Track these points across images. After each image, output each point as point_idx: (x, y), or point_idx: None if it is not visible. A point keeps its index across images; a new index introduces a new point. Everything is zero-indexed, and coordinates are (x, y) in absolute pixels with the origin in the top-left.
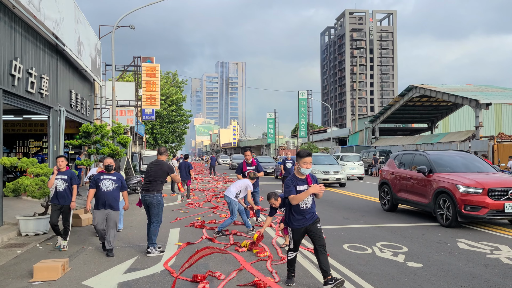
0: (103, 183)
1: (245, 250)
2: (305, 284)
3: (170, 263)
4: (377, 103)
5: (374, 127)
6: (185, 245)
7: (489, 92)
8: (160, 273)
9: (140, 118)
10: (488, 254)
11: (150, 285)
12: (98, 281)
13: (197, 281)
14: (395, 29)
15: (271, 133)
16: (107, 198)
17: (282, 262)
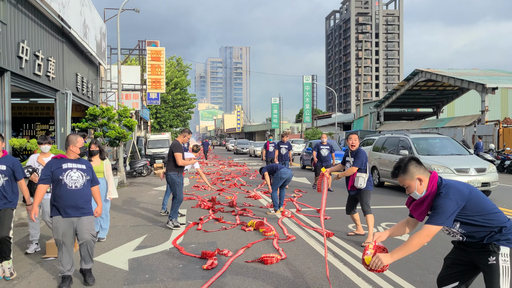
0: (67, 175)
1: (252, 230)
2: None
3: (179, 241)
4: (382, 88)
5: (379, 112)
6: (192, 225)
7: (495, 77)
8: (169, 250)
9: (145, 102)
10: None
11: (160, 261)
12: (109, 257)
13: (206, 258)
14: (401, 13)
15: (276, 118)
16: (76, 199)
17: (288, 241)
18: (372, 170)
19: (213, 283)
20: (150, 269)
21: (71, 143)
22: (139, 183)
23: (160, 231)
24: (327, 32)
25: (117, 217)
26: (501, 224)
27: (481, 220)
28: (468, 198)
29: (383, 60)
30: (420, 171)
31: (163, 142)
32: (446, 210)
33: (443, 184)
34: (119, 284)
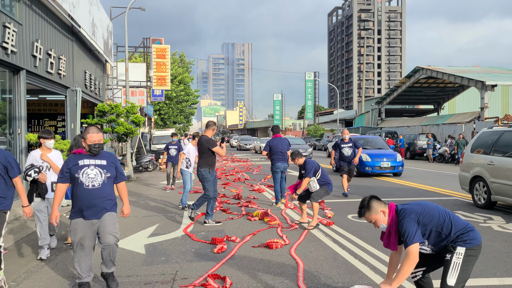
0: (83, 173)
1: (257, 219)
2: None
3: (189, 229)
4: (384, 85)
5: (380, 109)
6: (201, 215)
7: (495, 74)
8: (181, 237)
9: (149, 99)
10: (481, 223)
11: (173, 246)
12: (126, 242)
13: (216, 243)
14: (403, 9)
15: (278, 114)
16: (93, 200)
17: (291, 229)
18: (473, 181)
19: (224, 265)
20: (165, 253)
21: (83, 136)
22: (146, 177)
23: (170, 221)
24: (330, 29)
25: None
26: (458, 230)
27: (439, 230)
28: (422, 213)
29: (385, 56)
30: (381, 205)
31: (168, 138)
32: (412, 229)
33: (400, 210)
34: (139, 265)
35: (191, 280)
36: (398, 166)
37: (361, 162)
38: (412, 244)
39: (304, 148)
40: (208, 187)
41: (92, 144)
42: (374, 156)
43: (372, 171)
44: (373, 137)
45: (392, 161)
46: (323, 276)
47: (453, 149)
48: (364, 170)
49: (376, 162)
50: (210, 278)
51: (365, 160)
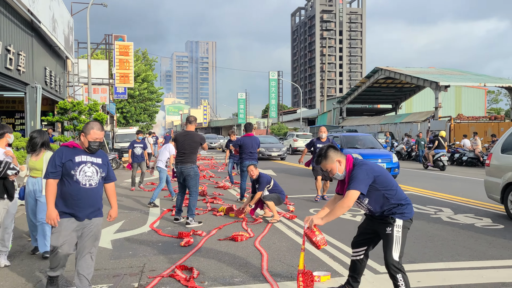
0: (81, 171)
1: (222, 214)
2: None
3: (155, 225)
4: (346, 84)
5: (341, 108)
6: (167, 211)
7: (448, 75)
8: (147, 232)
9: (111, 96)
10: (432, 214)
11: (140, 241)
12: None
13: (182, 238)
14: (364, 11)
15: (242, 113)
16: (90, 200)
17: (255, 223)
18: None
19: (191, 257)
20: (132, 247)
21: (83, 131)
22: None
23: (136, 217)
24: (293, 29)
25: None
26: (399, 200)
27: (386, 194)
28: (378, 173)
29: (346, 57)
30: (338, 155)
31: (131, 136)
32: (360, 177)
33: (358, 161)
34: (106, 259)
35: (159, 272)
36: (394, 168)
37: None
38: (354, 189)
39: (278, 147)
40: (197, 184)
41: (93, 141)
42: (368, 157)
43: None
44: (363, 135)
45: (388, 162)
46: (285, 265)
47: (409, 147)
48: None
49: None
50: (177, 269)
51: None
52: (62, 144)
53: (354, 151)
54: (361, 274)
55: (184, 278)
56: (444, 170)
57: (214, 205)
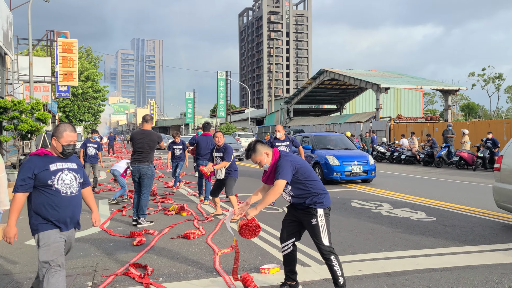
0: (58, 179)
1: (174, 213)
2: None
3: (106, 225)
4: (293, 85)
5: (289, 108)
6: (116, 211)
7: (389, 77)
8: (98, 233)
9: (54, 95)
10: (372, 209)
11: (91, 242)
12: None
13: (134, 237)
14: (310, 14)
15: (190, 113)
16: (74, 208)
17: (207, 221)
18: None
19: (144, 255)
20: (83, 248)
21: (55, 134)
22: None
23: (84, 218)
24: (241, 29)
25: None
26: (319, 190)
27: (307, 184)
28: (300, 165)
29: (293, 58)
30: (265, 148)
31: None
32: (285, 167)
33: (283, 153)
34: None
35: (113, 270)
36: (371, 170)
37: (327, 166)
38: (281, 178)
39: (236, 147)
40: (151, 184)
41: (67, 144)
42: (343, 159)
43: (342, 177)
44: (335, 135)
45: (364, 164)
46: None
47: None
48: (331, 176)
49: (345, 166)
50: (131, 267)
51: (333, 164)
52: (31, 154)
53: (327, 152)
54: (295, 264)
55: (138, 275)
56: None
57: (164, 204)
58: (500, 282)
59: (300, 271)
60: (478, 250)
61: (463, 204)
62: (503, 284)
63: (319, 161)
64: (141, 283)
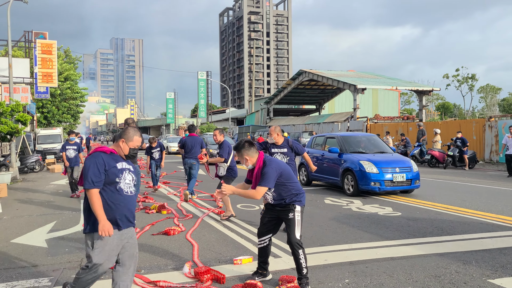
0: (123, 178)
1: (154, 212)
2: None
3: None
4: (273, 85)
5: (269, 108)
6: None
7: (366, 78)
8: (81, 231)
9: (32, 96)
10: (344, 206)
11: (75, 239)
12: (26, 239)
13: None
14: (290, 14)
15: (171, 113)
16: (131, 207)
17: (186, 219)
18: None
19: None
20: (68, 245)
21: (124, 137)
22: (34, 178)
23: (68, 217)
24: (221, 29)
25: (21, 208)
26: (297, 190)
27: (289, 185)
28: (283, 169)
29: (274, 58)
30: (252, 149)
31: (55, 137)
32: (270, 175)
33: (268, 159)
34: (44, 256)
35: None
36: (415, 179)
37: (363, 175)
38: (264, 186)
39: None
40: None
41: (134, 148)
42: (382, 165)
43: (381, 188)
44: (366, 135)
45: (407, 172)
46: (214, 253)
47: None
48: (367, 187)
49: (385, 174)
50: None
51: (370, 172)
52: (96, 149)
53: (361, 157)
54: (269, 256)
55: None
56: None
57: (146, 203)
58: (449, 268)
59: (272, 261)
60: (434, 241)
61: (429, 200)
62: (450, 269)
63: (351, 168)
64: None
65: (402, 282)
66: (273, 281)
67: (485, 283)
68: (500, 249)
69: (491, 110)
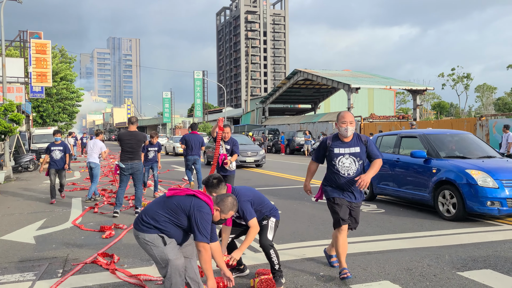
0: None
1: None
2: None
3: (78, 221)
4: (270, 84)
5: (264, 108)
6: (88, 209)
7: (360, 78)
8: (70, 228)
9: (27, 96)
10: None
11: (63, 236)
12: (14, 235)
13: (104, 231)
14: (287, 14)
15: (167, 112)
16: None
17: None
18: None
19: (112, 246)
20: (55, 241)
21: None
22: (27, 177)
23: (58, 215)
24: (218, 28)
25: (12, 206)
26: (270, 210)
27: (261, 210)
28: (251, 197)
29: (270, 57)
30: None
31: (50, 137)
32: (248, 208)
33: (235, 192)
34: (30, 252)
35: (83, 260)
36: None
37: (474, 190)
38: (251, 219)
39: (254, 149)
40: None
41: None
42: (502, 176)
43: (501, 209)
44: (460, 133)
45: None
46: None
47: None
48: (480, 207)
49: (506, 188)
50: (99, 256)
51: (485, 186)
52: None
53: (465, 164)
54: None
55: (105, 263)
56: None
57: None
58: (422, 261)
59: (252, 256)
60: (412, 236)
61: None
62: (423, 263)
63: (453, 179)
64: (107, 269)
65: (374, 275)
66: (251, 275)
67: (454, 275)
68: (475, 243)
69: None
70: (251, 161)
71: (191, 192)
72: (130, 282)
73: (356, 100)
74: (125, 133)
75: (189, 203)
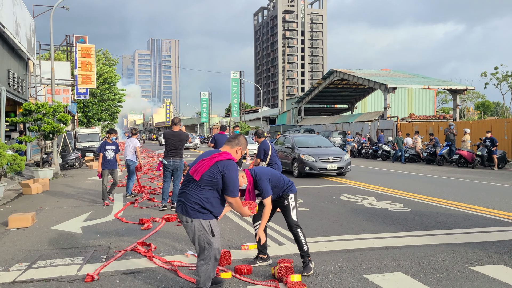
0: None
1: None
2: None
3: (119, 215)
4: (308, 84)
5: (300, 107)
6: (129, 204)
7: (397, 77)
8: (112, 220)
9: (73, 97)
10: (357, 202)
11: (106, 227)
12: (63, 226)
13: (143, 223)
14: (325, 13)
15: (205, 112)
16: None
17: None
18: None
19: (150, 237)
20: (100, 231)
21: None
22: (73, 174)
23: (102, 209)
24: (256, 28)
25: (61, 200)
26: (287, 184)
27: (279, 185)
28: (270, 174)
29: (308, 57)
30: (241, 172)
31: (93, 136)
32: (266, 186)
33: (253, 173)
34: (78, 240)
35: (124, 247)
36: None
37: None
38: (268, 196)
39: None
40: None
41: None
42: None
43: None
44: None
45: None
46: (226, 240)
47: (360, 145)
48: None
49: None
50: (138, 244)
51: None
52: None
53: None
54: (266, 240)
55: (143, 251)
56: None
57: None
58: (437, 256)
59: (276, 248)
60: (433, 234)
61: (444, 198)
62: (437, 258)
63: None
64: (145, 256)
65: (388, 267)
66: (273, 265)
67: (466, 269)
68: (493, 242)
69: None
70: (333, 168)
71: (213, 161)
72: (165, 268)
73: (395, 100)
74: (169, 132)
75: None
